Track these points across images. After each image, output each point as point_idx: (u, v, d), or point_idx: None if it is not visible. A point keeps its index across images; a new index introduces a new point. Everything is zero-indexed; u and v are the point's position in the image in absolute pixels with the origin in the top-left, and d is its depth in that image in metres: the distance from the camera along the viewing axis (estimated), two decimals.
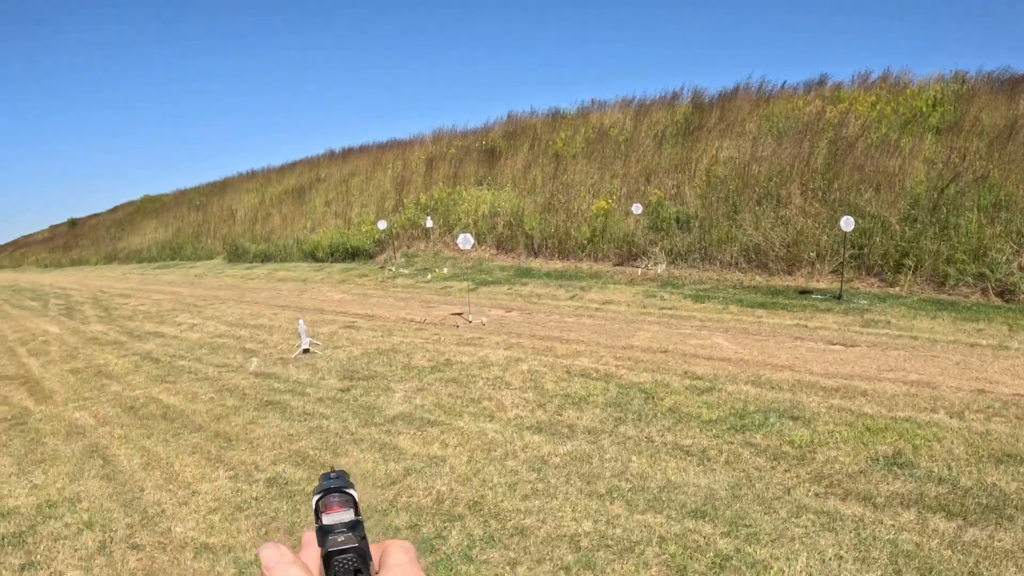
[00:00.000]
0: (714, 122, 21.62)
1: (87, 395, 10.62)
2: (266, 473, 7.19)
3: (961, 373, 8.58)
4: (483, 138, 28.02)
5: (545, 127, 26.57)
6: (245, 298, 19.86)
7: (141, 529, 6.18)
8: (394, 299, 16.96)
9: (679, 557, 5.07)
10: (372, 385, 9.93)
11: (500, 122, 29.67)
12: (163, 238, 41.72)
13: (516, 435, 7.65)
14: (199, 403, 9.80)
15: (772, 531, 5.31)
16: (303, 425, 8.55)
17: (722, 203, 16.93)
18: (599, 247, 18.35)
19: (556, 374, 9.67)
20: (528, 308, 14.38)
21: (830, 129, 18.23)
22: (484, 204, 22.58)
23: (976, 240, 12.67)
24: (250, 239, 31.83)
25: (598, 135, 23.70)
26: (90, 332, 16.27)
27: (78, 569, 5.58)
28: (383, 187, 29.14)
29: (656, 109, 24.71)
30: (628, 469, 6.62)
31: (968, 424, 7.04)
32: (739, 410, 7.82)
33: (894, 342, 10.06)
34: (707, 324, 11.84)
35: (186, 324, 16.17)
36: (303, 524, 6.05)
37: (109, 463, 7.78)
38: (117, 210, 63.06)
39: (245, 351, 12.73)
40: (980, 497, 5.59)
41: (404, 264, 21.97)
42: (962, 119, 16.95)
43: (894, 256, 13.45)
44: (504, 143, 26.48)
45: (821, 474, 6.21)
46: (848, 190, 15.28)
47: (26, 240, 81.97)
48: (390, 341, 12.40)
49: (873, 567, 4.77)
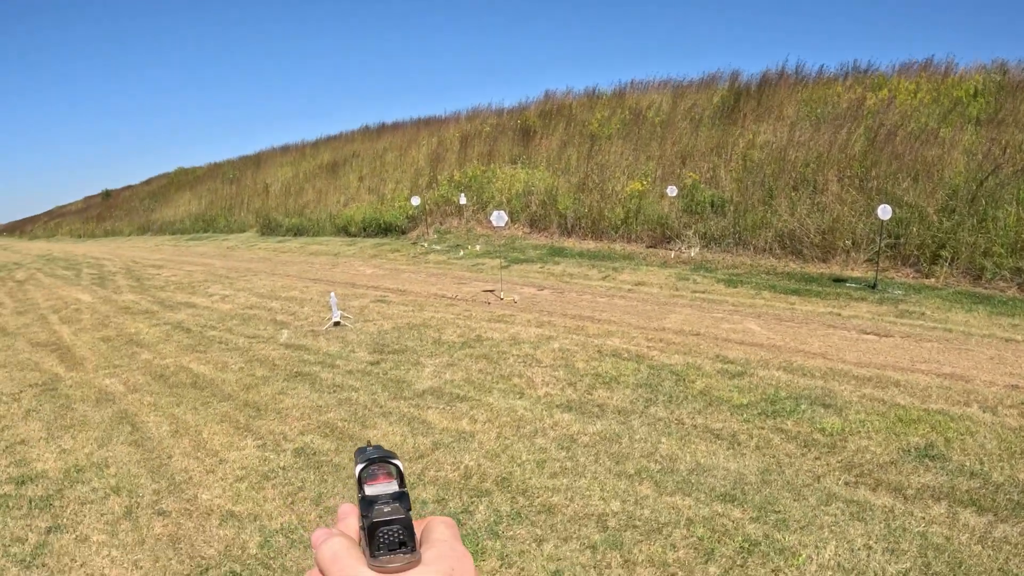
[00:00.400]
0: (752, 106, 21.45)
1: (117, 363, 10.72)
2: (294, 443, 7.25)
3: (995, 368, 8.51)
4: (518, 117, 27.90)
5: (581, 107, 26.46)
6: (277, 271, 19.92)
7: (167, 495, 6.26)
8: (426, 275, 16.97)
9: (707, 540, 5.07)
10: (402, 359, 9.96)
11: (536, 101, 29.57)
12: (196, 210, 41.87)
13: (546, 413, 7.66)
14: (229, 372, 9.87)
15: (801, 518, 5.30)
16: (332, 397, 8.60)
17: (758, 188, 16.83)
18: (632, 228, 18.30)
19: (587, 353, 9.66)
20: (560, 287, 14.36)
21: (869, 116, 18.07)
22: (518, 182, 22.54)
23: (1014, 234, 12.53)
24: (283, 213, 31.90)
25: (634, 116, 23.59)
26: (122, 301, 16.39)
27: (103, 533, 5.65)
28: (417, 163, 29.12)
29: (694, 91, 24.56)
30: (657, 450, 6.63)
31: (1001, 419, 6.99)
32: (770, 395, 7.80)
33: (928, 334, 9.99)
34: (739, 309, 11.79)
35: (217, 295, 16.26)
36: (330, 495, 6.11)
37: (138, 430, 7.88)
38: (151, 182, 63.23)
39: (276, 323, 12.79)
40: (1012, 493, 5.56)
41: (436, 240, 21.97)
42: (1003, 110, 16.75)
43: (930, 247, 13.33)
44: (539, 122, 26.38)
45: (852, 463, 6.19)
46: (886, 179, 15.14)
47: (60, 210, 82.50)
48: (421, 316, 12.43)
49: (902, 559, 4.76)
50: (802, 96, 21.05)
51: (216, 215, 38.11)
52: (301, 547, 5.29)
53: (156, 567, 5.14)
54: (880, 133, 16.92)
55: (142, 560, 5.24)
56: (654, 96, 25.13)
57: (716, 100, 22.76)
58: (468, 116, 32.03)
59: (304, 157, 39.34)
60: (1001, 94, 17.61)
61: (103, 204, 66.04)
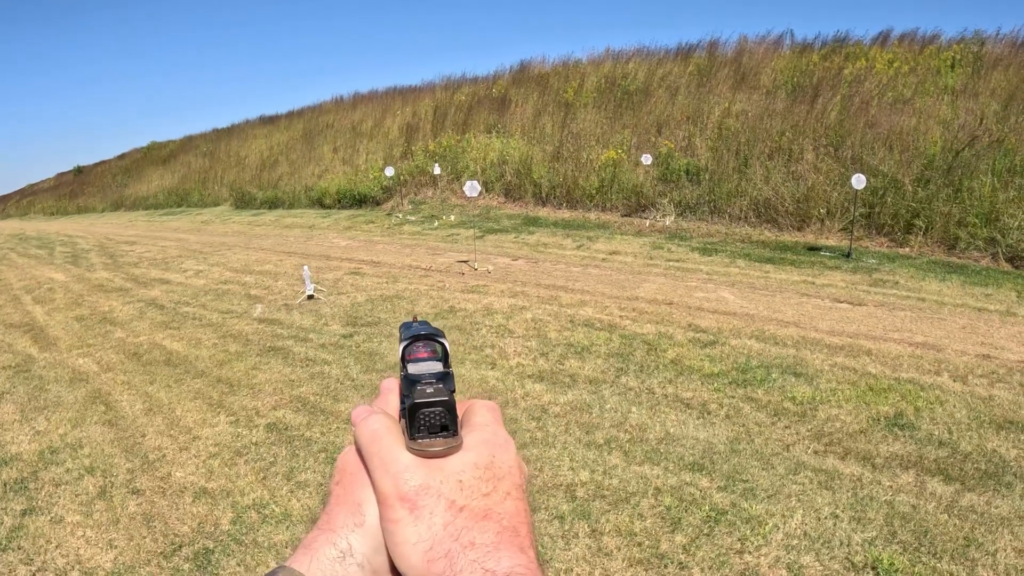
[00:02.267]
0: (728, 74, 21.40)
1: (91, 342, 10.60)
2: (266, 418, 7.20)
3: (967, 337, 8.52)
4: (493, 85, 27.72)
5: (556, 75, 26.30)
6: (251, 245, 19.76)
7: (141, 474, 6.20)
8: (400, 246, 16.88)
9: (674, 509, 5.05)
10: (375, 331, 9.90)
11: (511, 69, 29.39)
12: (169, 185, 41.38)
13: (517, 383, 7.63)
14: (202, 349, 9.78)
15: (769, 487, 5.29)
16: (305, 371, 8.54)
17: (733, 156, 16.80)
18: (607, 197, 18.24)
19: (560, 323, 9.63)
20: (534, 257, 14.31)
21: (845, 86, 18.04)
22: (493, 152, 22.41)
23: (989, 204, 12.55)
24: (257, 186, 31.61)
25: (610, 84, 23.49)
26: (95, 279, 16.20)
27: (78, 514, 5.60)
28: (391, 134, 28.92)
29: (670, 60, 24.47)
30: (627, 420, 6.60)
31: (971, 389, 7.00)
32: (742, 365, 7.79)
33: (901, 303, 10.00)
34: (713, 277, 11.77)
35: (191, 271, 16.10)
36: (301, 469, 6.09)
37: (111, 409, 7.79)
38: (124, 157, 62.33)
39: (250, 297, 12.69)
40: (979, 463, 5.56)
41: (411, 211, 21.85)
42: (979, 81, 16.75)
43: (905, 216, 13.35)
44: (515, 91, 26.23)
45: (821, 432, 6.18)
46: (861, 148, 15.12)
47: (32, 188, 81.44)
48: (395, 288, 12.35)
49: (869, 527, 4.75)
50: (778, 65, 21.01)
51: (190, 189, 37.71)
52: (273, 522, 5.27)
53: (130, 545, 5.11)
54: (856, 103, 16.90)
55: (117, 539, 5.20)
56: (630, 64, 25.01)
57: (692, 69, 22.68)
58: (443, 85, 31.79)
59: (278, 129, 38.95)
60: (978, 65, 17.62)
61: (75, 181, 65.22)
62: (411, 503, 0.66)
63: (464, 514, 0.65)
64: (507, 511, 0.67)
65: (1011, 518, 4.81)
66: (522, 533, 0.66)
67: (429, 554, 0.63)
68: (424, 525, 0.65)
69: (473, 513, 0.65)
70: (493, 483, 0.68)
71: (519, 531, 0.65)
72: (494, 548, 0.63)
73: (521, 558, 0.62)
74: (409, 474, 0.67)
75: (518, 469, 0.72)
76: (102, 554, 5.03)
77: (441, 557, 0.63)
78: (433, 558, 0.63)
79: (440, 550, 0.63)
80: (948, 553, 4.49)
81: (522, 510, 0.68)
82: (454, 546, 0.63)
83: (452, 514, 0.65)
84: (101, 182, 55.86)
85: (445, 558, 0.62)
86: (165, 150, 52.10)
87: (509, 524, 0.65)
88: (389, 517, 0.66)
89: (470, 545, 0.63)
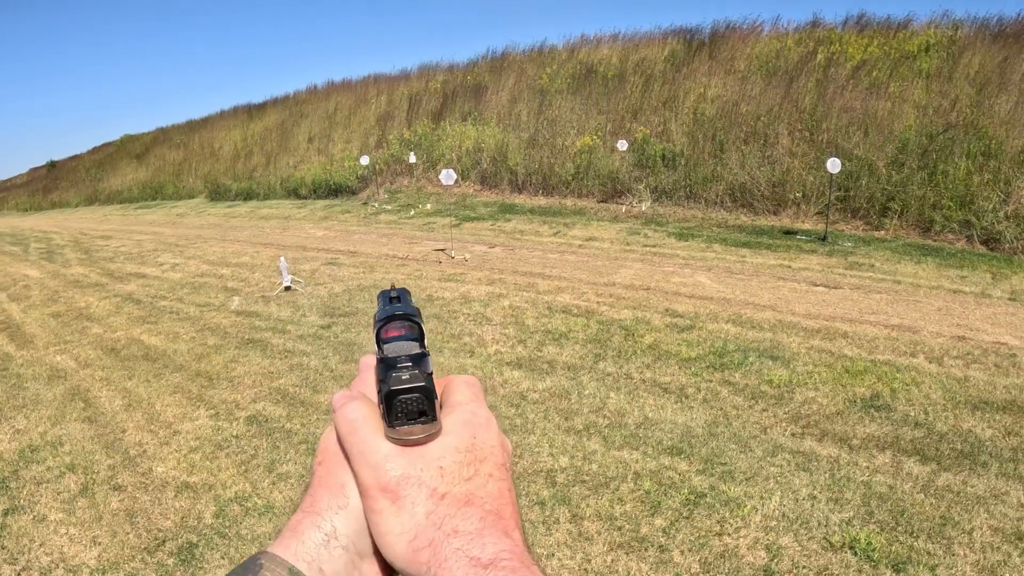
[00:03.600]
0: (703, 60, 21.39)
1: (68, 338, 10.52)
2: (246, 411, 7.19)
3: (942, 319, 8.58)
4: (469, 73, 27.59)
5: (531, 62, 26.22)
6: (227, 237, 19.61)
7: (123, 470, 6.18)
8: (377, 235, 16.81)
9: (654, 493, 5.07)
10: (353, 322, 9.88)
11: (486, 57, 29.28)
12: (144, 178, 40.92)
13: (496, 371, 7.63)
14: (180, 343, 9.73)
15: (747, 469, 5.32)
16: (284, 363, 8.52)
17: (708, 141, 16.81)
18: (583, 184, 18.23)
19: (537, 310, 9.63)
20: (511, 244, 14.30)
21: (820, 70, 18.07)
22: (468, 140, 22.35)
23: (963, 187, 12.63)
24: (232, 177, 31.32)
25: (585, 71, 23.44)
26: (71, 275, 16.06)
27: (61, 512, 5.58)
28: (367, 123, 28.75)
29: (645, 45, 24.44)
30: (606, 405, 6.62)
31: (947, 370, 7.05)
32: (719, 349, 7.82)
33: (877, 285, 10.05)
34: (690, 262, 11.80)
35: (168, 264, 15.98)
36: (282, 461, 6.09)
37: (91, 405, 7.75)
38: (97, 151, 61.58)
39: (227, 290, 12.62)
40: (955, 443, 5.61)
41: (387, 200, 21.76)
42: (954, 66, 16.82)
43: (880, 200, 13.41)
44: (490, 78, 26.12)
45: (798, 414, 6.21)
46: (836, 132, 15.17)
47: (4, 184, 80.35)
48: (372, 277, 12.33)
49: (846, 508, 4.79)
50: (754, 51, 21.00)
51: (164, 182, 37.31)
52: (256, 514, 5.27)
53: (114, 542, 5.10)
54: (830, 86, 16.94)
55: (100, 536, 5.19)
56: (605, 50, 24.97)
57: (667, 54, 22.67)
58: (418, 73, 31.59)
59: (252, 119, 38.59)
60: (953, 49, 17.67)
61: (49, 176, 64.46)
62: (393, 494, 0.65)
63: (446, 501, 0.65)
64: (490, 494, 0.66)
65: (987, 497, 4.86)
66: (506, 515, 0.65)
67: (413, 544, 0.63)
68: (407, 515, 0.64)
69: (455, 499, 0.65)
70: (475, 466, 0.68)
71: (503, 513, 0.65)
72: (477, 534, 0.62)
73: (506, 542, 0.62)
74: (389, 464, 0.66)
75: (500, 448, 0.72)
76: (86, 551, 5.02)
77: (425, 546, 0.63)
78: (418, 547, 0.63)
79: (424, 539, 0.63)
80: (925, 532, 4.53)
81: (505, 490, 0.68)
82: (437, 535, 0.63)
83: (434, 502, 0.65)
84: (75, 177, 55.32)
85: (429, 547, 0.62)
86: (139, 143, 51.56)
87: (492, 507, 0.65)
88: (372, 508, 0.66)
89: (453, 533, 0.63)
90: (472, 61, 29.35)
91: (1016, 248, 11.58)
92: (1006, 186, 12.43)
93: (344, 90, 34.39)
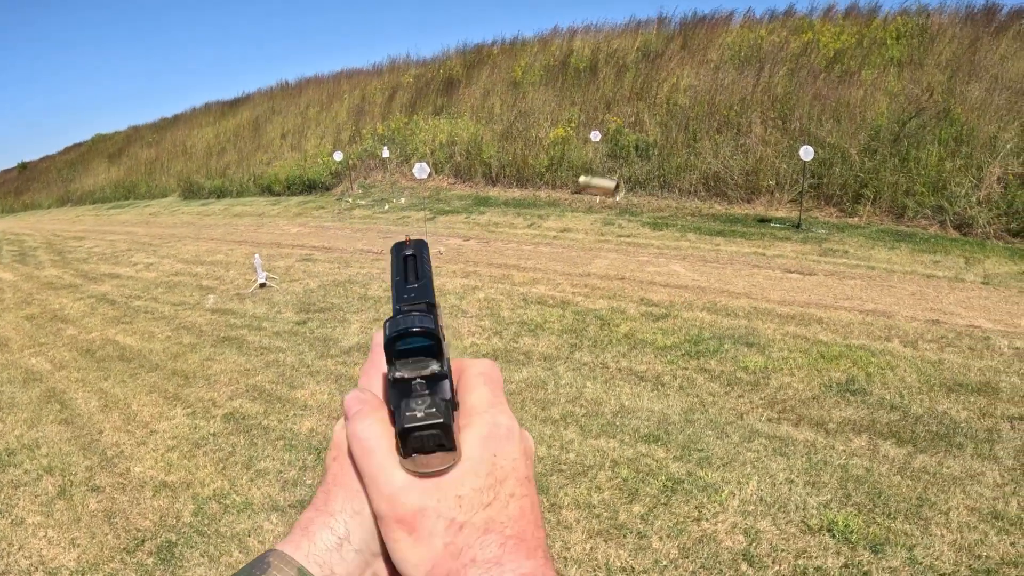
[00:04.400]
0: (676, 50, 21.41)
1: (43, 341, 10.44)
2: (223, 409, 7.17)
3: (916, 303, 8.61)
4: (441, 66, 27.53)
5: (504, 55, 26.19)
6: (201, 235, 19.49)
7: (100, 471, 6.15)
8: (351, 230, 16.76)
9: (631, 481, 5.07)
10: (328, 317, 9.85)
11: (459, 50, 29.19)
12: (116, 177, 40.55)
13: None
14: (156, 342, 9.67)
15: (724, 455, 5.32)
16: (259, 359, 8.48)
17: (682, 131, 16.83)
18: (557, 175, 18.22)
19: (513, 302, 9.61)
20: (486, 237, 14.28)
21: (792, 59, 18.12)
22: (442, 133, 22.30)
23: (936, 173, 12.68)
24: (205, 175, 31.09)
25: (558, 63, 23.43)
26: (44, 277, 15.93)
27: (39, 515, 5.55)
28: (340, 118, 28.63)
29: (618, 36, 24.44)
30: (583, 395, 6.61)
31: (921, 353, 7.08)
32: (694, 336, 7.82)
33: (851, 271, 10.09)
34: (665, 252, 11.81)
35: (142, 264, 15.87)
36: (260, 458, 6.07)
37: (67, 407, 7.70)
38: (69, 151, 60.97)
39: (202, 288, 12.54)
40: (930, 425, 5.63)
41: (361, 195, 21.68)
42: (925, 53, 16.89)
43: (853, 187, 13.46)
44: (463, 71, 26.08)
45: (774, 400, 6.22)
46: (809, 120, 15.22)
47: None
48: (346, 272, 12.29)
49: (823, 491, 4.79)
50: (726, 40, 21.04)
51: (137, 181, 36.98)
52: (234, 511, 5.25)
53: (93, 543, 5.07)
54: (802, 75, 16.99)
55: (79, 538, 5.16)
56: (578, 42, 24.97)
57: (640, 45, 22.68)
58: (390, 67, 31.50)
59: (224, 116, 38.34)
60: (924, 36, 17.74)
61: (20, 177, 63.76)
62: (409, 526, 0.62)
63: (465, 531, 0.62)
64: (511, 516, 0.63)
65: (963, 477, 4.87)
66: (528, 536, 0.62)
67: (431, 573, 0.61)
68: (424, 547, 0.62)
69: (474, 528, 0.62)
70: (495, 489, 0.64)
71: (524, 535, 0.62)
72: (496, 562, 0.60)
73: (526, 565, 0.60)
74: (404, 496, 0.63)
75: (523, 457, 0.67)
76: (65, 553, 5.00)
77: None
78: None
79: (441, 570, 0.61)
80: (902, 513, 4.54)
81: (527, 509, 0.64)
82: (454, 565, 0.61)
83: (452, 533, 0.62)
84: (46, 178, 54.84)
85: None
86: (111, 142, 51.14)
87: (513, 532, 0.62)
88: (388, 536, 0.64)
89: (471, 562, 0.60)
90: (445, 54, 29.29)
91: (988, 233, 11.64)
92: (978, 171, 12.49)
93: (317, 86, 34.26)
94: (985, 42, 16.15)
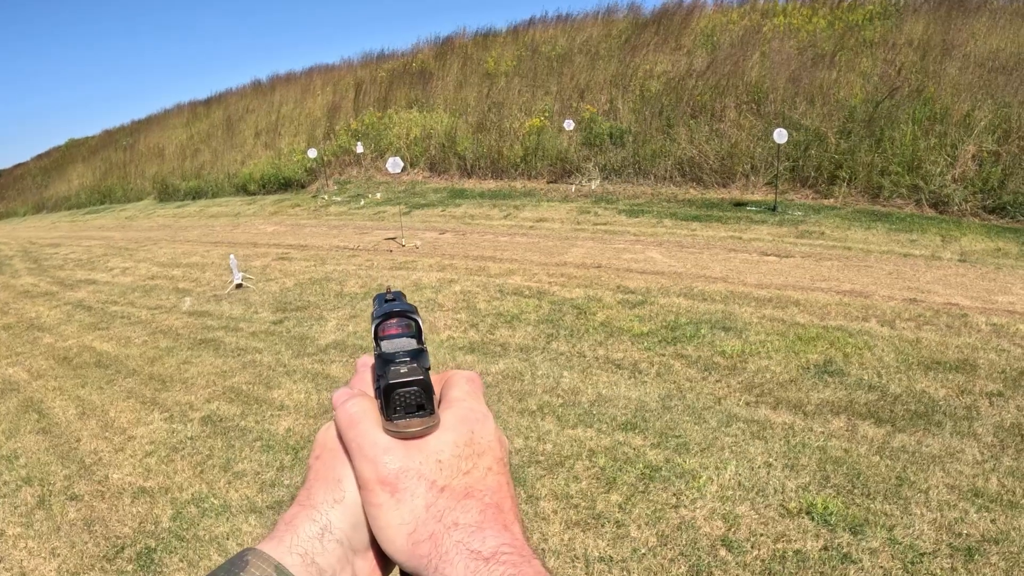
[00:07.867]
0: (649, 36, 21.40)
1: (20, 350, 10.36)
2: (201, 412, 7.13)
3: (893, 283, 8.61)
4: (413, 60, 27.46)
5: (476, 46, 26.14)
6: (177, 237, 19.36)
7: (79, 479, 6.12)
8: (327, 227, 16.69)
9: (609, 469, 5.03)
10: (305, 316, 9.80)
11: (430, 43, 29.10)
12: (91, 182, 40.28)
13: (449, 356, 7.59)
14: (132, 347, 9.60)
15: (702, 441, 5.29)
16: (236, 361, 8.44)
17: (656, 117, 16.81)
18: (532, 165, 18.18)
19: (489, 293, 9.57)
20: (462, 229, 14.23)
21: (765, 43, 18.12)
22: (416, 127, 22.24)
23: (911, 152, 12.69)
24: (180, 177, 30.91)
25: (530, 52, 23.39)
26: (20, 285, 15.81)
27: (19, 526, 5.53)
28: (313, 115, 28.52)
29: (591, 24, 24.41)
30: (559, 385, 6.58)
31: (899, 332, 7.06)
32: (671, 323, 7.79)
33: (828, 252, 10.08)
34: (641, 238, 11.78)
35: (118, 269, 15.76)
36: (238, 460, 6.03)
37: (45, 416, 7.66)
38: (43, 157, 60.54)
39: (178, 291, 12.46)
40: (909, 404, 5.61)
41: (337, 192, 21.60)
42: (898, 33, 16.91)
43: (828, 168, 13.46)
44: (435, 64, 26.02)
45: (752, 384, 6.19)
46: (783, 103, 15.22)
47: None
48: (323, 270, 12.22)
49: (802, 473, 4.77)
50: (699, 26, 21.04)
51: (112, 185, 36.75)
52: (213, 515, 5.21)
53: (73, 552, 5.04)
54: (775, 59, 16.98)
55: (59, 547, 5.13)
56: (550, 31, 24.93)
57: (613, 32, 22.66)
58: (362, 62, 31.35)
59: (197, 117, 38.12)
60: (897, 17, 17.77)
61: None
62: (392, 486, 0.65)
63: (445, 494, 0.65)
64: (489, 487, 0.66)
65: (942, 455, 4.85)
66: (505, 508, 0.65)
67: (413, 536, 0.63)
68: (406, 508, 0.64)
69: (454, 492, 0.65)
70: (473, 460, 0.68)
71: (502, 507, 0.65)
72: (478, 527, 0.63)
73: (506, 535, 0.62)
74: (388, 457, 0.66)
75: (498, 443, 0.72)
76: (45, 563, 4.98)
77: (425, 539, 0.63)
78: (418, 540, 0.63)
79: (424, 532, 0.63)
80: (881, 493, 4.51)
81: (504, 484, 0.68)
82: (437, 527, 0.63)
83: (433, 495, 0.65)
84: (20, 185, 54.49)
85: (430, 540, 0.63)
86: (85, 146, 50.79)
87: (492, 501, 0.65)
88: (371, 501, 0.66)
89: (453, 525, 0.63)
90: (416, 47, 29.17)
91: (964, 210, 11.65)
92: (952, 149, 12.49)
93: (289, 83, 34.13)
94: (956, 20, 16.18)
